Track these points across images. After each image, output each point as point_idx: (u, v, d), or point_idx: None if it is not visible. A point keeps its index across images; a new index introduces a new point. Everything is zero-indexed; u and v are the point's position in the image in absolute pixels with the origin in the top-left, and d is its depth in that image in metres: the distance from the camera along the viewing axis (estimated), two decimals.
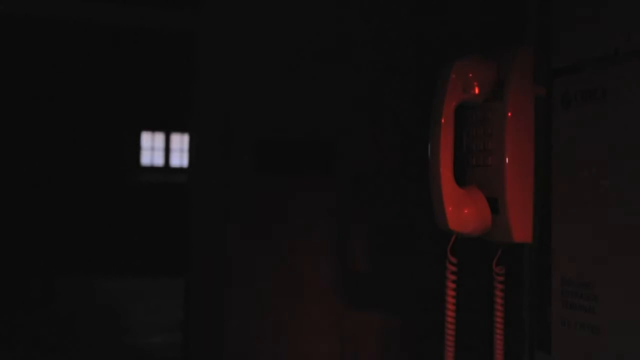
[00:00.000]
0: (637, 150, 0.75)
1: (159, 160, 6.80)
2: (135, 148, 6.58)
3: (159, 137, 6.78)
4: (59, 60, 5.47)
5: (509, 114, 0.88)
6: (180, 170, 6.79)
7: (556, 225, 0.89)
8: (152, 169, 6.73)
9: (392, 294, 1.38)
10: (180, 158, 6.87)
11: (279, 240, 1.31)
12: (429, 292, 1.36)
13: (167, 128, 6.74)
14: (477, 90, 0.91)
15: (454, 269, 0.95)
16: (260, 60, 1.31)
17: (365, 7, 1.38)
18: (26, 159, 5.58)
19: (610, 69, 0.80)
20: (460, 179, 0.94)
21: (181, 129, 6.73)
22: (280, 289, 1.32)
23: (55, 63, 5.46)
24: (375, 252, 1.37)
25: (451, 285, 0.96)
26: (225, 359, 1.28)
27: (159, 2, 1.36)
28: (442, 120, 0.89)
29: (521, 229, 0.90)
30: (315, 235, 1.33)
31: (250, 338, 1.30)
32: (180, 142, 6.85)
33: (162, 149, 6.81)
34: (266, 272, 1.31)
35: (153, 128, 6.69)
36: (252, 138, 1.30)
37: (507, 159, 0.88)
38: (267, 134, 1.31)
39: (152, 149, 6.75)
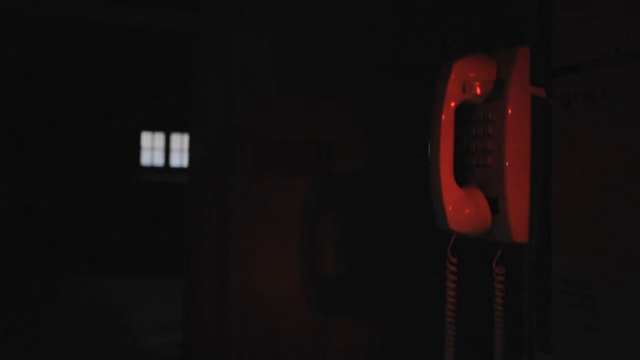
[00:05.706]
0: (637, 150, 0.75)
1: (159, 160, 6.80)
2: (135, 148, 6.59)
3: (159, 137, 6.78)
4: (59, 60, 5.47)
5: (509, 114, 0.88)
6: (180, 170, 6.79)
7: (556, 225, 0.89)
8: (152, 169, 6.73)
9: (391, 294, 1.38)
10: (180, 158, 6.87)
11: (279, 239, 1.32)
12: (428, 292, 1.36)
13: (167, 128, 6.74)
14: (477, 91, 0.91)
15: (454, 269, 0.95)
16: (260, 61, 1.31)
17: (365, 8, 1.38)
18: (26, 159, 5.58)
19: (610, 69, 0.80)
20: (460, 179, 0.94)
21: (181, 129, 6.73)
22: (279, 290, 1.32)
23: (55, 63, 5.46)
24: (374, 251, 1.37)
25: (451, 285, 0.96)
26: (225, 358, 1.28)
27: (159, 2, 1.36)
28: (442, 121, 0.89)
29: (521, 229, 0.89)
30: (316, 234, 1.33)
31: (250, 339, 1.30)
32: (180, 142, 6.85)
33: (162, 149, 6.80)
34: (265, 272, 1.31)
35: (153, 128, 6.69)
36: (252, 138, 1.30)
37: (507, 159, 0.88)
38: (267, 134, 1.31)
39: (152, 149, 6.75)
